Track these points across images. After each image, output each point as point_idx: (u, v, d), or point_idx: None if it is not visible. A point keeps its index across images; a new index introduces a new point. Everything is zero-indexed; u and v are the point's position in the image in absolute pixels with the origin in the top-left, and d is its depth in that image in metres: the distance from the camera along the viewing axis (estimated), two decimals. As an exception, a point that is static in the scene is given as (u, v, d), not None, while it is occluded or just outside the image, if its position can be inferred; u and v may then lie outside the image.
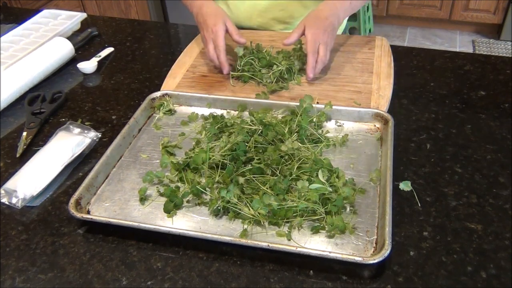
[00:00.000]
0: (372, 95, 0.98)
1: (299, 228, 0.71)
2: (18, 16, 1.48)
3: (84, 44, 1.29)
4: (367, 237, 0.69)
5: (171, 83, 1.07)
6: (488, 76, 1.06)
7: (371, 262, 0.63)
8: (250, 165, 0.79)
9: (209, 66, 1.12)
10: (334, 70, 1.07)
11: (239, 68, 1.05)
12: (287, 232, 0.70)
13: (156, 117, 0.97)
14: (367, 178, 0.79)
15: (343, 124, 0.92)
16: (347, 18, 1.09)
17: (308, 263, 0.66)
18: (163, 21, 3.29)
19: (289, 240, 0.69)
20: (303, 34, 1.01)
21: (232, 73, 1.05)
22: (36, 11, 1.42)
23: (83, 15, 1.37)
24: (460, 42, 3.23)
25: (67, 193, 0.81)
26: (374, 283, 0.64)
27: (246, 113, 0.95)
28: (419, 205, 0.75)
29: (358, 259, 0.63)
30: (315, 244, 0.69)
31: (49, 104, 1.03)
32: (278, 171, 0.78)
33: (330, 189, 0.73)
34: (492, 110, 0.95)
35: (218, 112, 0.97)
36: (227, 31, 1.04)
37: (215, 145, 0.85)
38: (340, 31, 1.34)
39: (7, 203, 0.80)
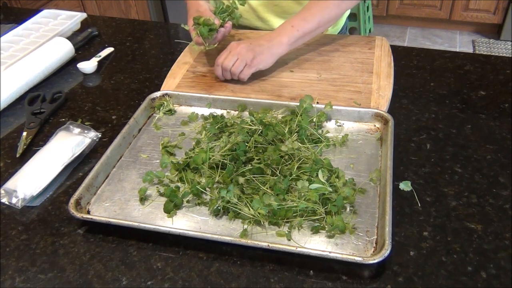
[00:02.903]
0: (372, 95, 0.98)
1: (299, 228, 0.71)
2: (18, 16, 1.48)
3: (84, 44, 1.29)
4: (367, 237, 0.69)
5: (171, 83, 1.07)
6: (488, 76, 1.06)
7: (371, 262, 0.63)
8: (250, 165, 0.79)
9: (209, 66, 1.12)
10: (334, 70, 1.07)
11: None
12: (287, 232, 0.70)
13: (156, 117, 0.97)
14: (367, 178, 0.79)
15: (343, 124, 0.92)
16: (296, 39, 1.05)
17: (308, 263, 0.66)
18: (163, 21, 3.29)
19: (289, 240, 0.69)
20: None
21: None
22: (36, 11, 1.42)
23: (83, 15, 1.37)
24: (460, 42, 3.23)
25: (67, 193, 0.81)
26: (374, 283, 0.64)
27: (246, 113, 0.95)
28: (419, 205, 0.75)
29: (358, 259, 0.63)
30: (315, 244, 0.69)
31: (49, 104, 1.03)
32: (278, 171, 0.78)
33: (330, 189, 0.73)
34: (492, 110, 0.95)
35: (218, 112, 0.97)
36: None
37: (215, 145, 0.85)
38: (338, 31, 1.35)
39: (7, 203, 0.80)
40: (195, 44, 1.06)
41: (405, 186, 0.77)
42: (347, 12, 1.35)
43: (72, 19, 1.34)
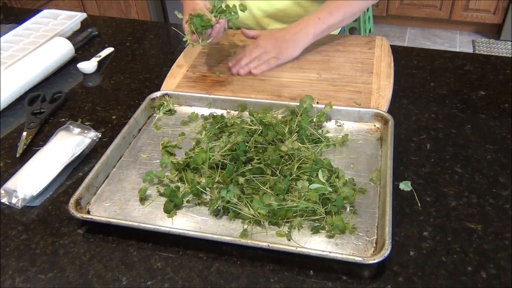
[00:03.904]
0: (372, 95, 0.98)
1: (299, 228, 0.71)
2: (18, 16, 1.48)
3: (84, 44, 1.29)
4: (367, 237, 0.69)
5: (171, 83, 1.07)
6: (488, 76, 1.06)
7: (371, 262, 0.63)
8: (250, 165, 0.79)
9: (209, 66, 1.12)
10: (334, 70, 1.07)
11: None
12: (287, 232, 0.70)
13: (156, 117, 0.97)
14: (367, 178, 0.79)
15: (343, 124, 0.92)
16: (322, 33, 1.10)
17: (308, 263, 0.66)
18: (163, 21, 3.29)
19: (289, 240, 0.69)
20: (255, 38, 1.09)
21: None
22: (36, 11, 1.42)
23: (83, 15, 1.37)
24: (460, 42, 3.23)
25: (67, 193, 0.81)
26: (374, 283, 0.64)
27: (246, 113, 0.95)
28: (419, 205, 0.75)
29: (358, 259, 0.63)
30: (315, 244, 0.69)
31: (49, 104, 1.03)
32: (278, 171, 0.78)
33: (330, 189, 0.73)
34: (492, 110, 0.95)
35: (218, 112, 0.97)
36: None
37: (215, 145, 0.85)
38: (338, 31, 1.35)
39: (7, 203, 0.80)
40: (189, 41, 1.04)
41: (405, 186, 0.77)
42: None
43: (72, 19, 1.34)
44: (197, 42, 1.02)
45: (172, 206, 0.74)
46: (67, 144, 0.87)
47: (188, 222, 0.73)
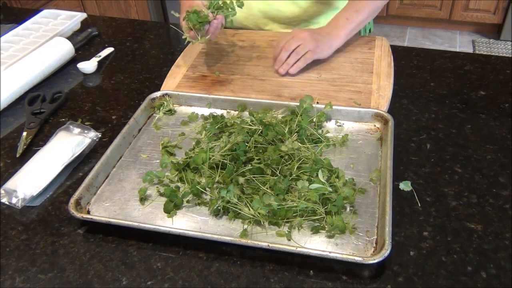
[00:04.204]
0: (372, 95, 0.98)
1: (299, 228, 0.71)
2: (18, 16, 1.48)
3: (84, 44, 1.29)
4: (367, 237, 0.69)
5: (171, 83, 1.07)
6: (488, 76, 1.06)
7: (371, 262, 0.63)
8: (250, 165, 0.79)
9: (209, 66, 1.12)
10: (334, 70, 1.07)
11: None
12: (287, 232, 0.70)
13: (156, 117, 0.97)
14: (367, 178, 0.79)
15: (343, 124, 0.92)
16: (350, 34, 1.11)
17: (308, 263, 0.66)
18: (163, 21, 3.29)
19: (289, 240, 0.69)
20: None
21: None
22: (36, 11, 1.42)
23: (83, 15, 1.37)
24: (460, 42, 3.23)
25: (67, 193, 0.81)
26: (374, 283, 0.64)
27: (246, 113, 0.95)
28: (419, 205, 0.75)
29: (358, 259, 0.63)
30: (315, 244, 0.69)
31: (49, 104, 1.03)
32: (278, 171, 0.78)
33: (330, 189, 0.73)
34: (492, 110, 0.95)
35: (218, 112, 0.97)
36: None
37: (215, 145, 0.85)
38: None
39: (7, 203, 0.80)
40: (188, 38, 1.04)
41: (405, 186, 0.77)
42: None
43: (72, 19, 1.34)
44: (196, 39, 1.02)
45: (172, 206, 0.74)
46: (67, 144, 0.87)
47: (188, 222, 0.73)
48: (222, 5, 1.05)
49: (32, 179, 0.81)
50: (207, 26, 1.02)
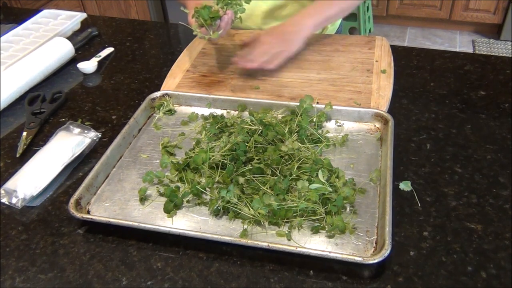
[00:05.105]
0: (372, 95, 0.98)
1: (299, 228, 0.71)
2: (18, 16, 1.48)
3: (84, 44, 1.29)
4: (367, 237, 0.69)
5: (171, 83, 1.07)
6: (488, 76, 1.06)
7: (371, 262, 0.63)
8: (250, 165, 0.79)
9: (209, 66, 1.12)
10: (334, 70, 1.07)
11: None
12: (287, 232, 0.70)
13: (156, 117, 0.97)
14: (367, 178, 0.79)
15: (343, 124, 0.92)
16: (322, 22, 1.09)
17: (308, 263, 0.66)
18: (163, 21, 3.29)
19: (289, 240, 0.69)
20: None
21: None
22: (36, 11, 1.42)
23: (83, 15, 1.37)
24: (460, 42, 3.23)
25: (67, 193, 0.81)
26: (374, 283, 0.64)
27: (246, 113, 0.95)
28: (419, 205, 0.75)
29: (358, 259, 0.63)
30: (315, 244, 0.69)
31: (49, 104, 1.03)
32: (278, 171, 0.78)
33: (330, 189, 0.73)
34: (492, 110, 0.95)
35: (218, 112, 0.97)
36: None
37: (215, 145, 0.85)
38: (334, 30, 1.35)
39: (7, 203, 0.80)
40: (200, 34, 1.01)
41: (405, 186, 0.77)
42: None
43: (72, 19, 1.34)
44: (208, 34, 1.00)
45: (172, 206, 0.74)
46: (67, 144, 0.87)
47: (188, 222, 0.73)
48: (230, 1, 1.04)
49: (32, 179, 0.81)
50: (218, 21, 1.00)
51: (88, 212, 0.76)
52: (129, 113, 0.99)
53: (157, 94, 0.99)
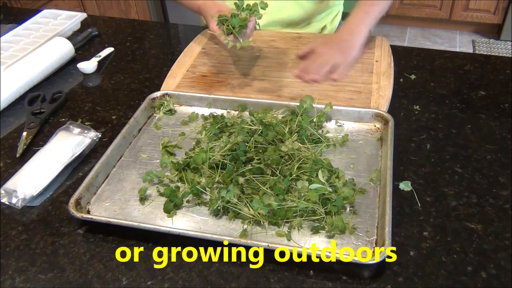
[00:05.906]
0: (372, 95, 0.98)
1: (299, 228, 0.71)
2: (18, 16, 1.48)
3: (84, 44, 1.29)
4: (367, 237, 0.69)
5: (171, 83, 1.07)
6: (488, 76, 1.06)
7: (371, 262, 0.63)
8: (250, 165, 0.79)
9: (209, 66, 1.12)
10: (334, 70, 1.07)
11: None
12: (287, 232, 0.70)
13: (156, 117, 0.97)
14: (367, 178, 0.79)
15: (343, 124, 0.92)
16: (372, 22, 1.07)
17: (308, 263, 0.66)
18: (163, 21, 3.29)
19: (289, 240, 0.69)
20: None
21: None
22: (36, 11, 1.42)
23: (83, 15, 1.37)
24: (460, 42, 3.23)
25: (67, 193, 0.81)
26: (374, 283, 0.64)
27: (246, 113, 0.95)
28: (419, 205, 0.75)
29: (358, 259, 0.63)
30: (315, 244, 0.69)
31: (49, 104, 1.03)
32: (278, 171, 0.78)
33: (330, 189, 0.73)
34: (492, 110, 0.95)
35: (218, 112, 0.97)
36: None
37: (215, 145, 0.85)
38: (334, 30, 1.35)
39: (7, 203, 0.80)
40: (231, 43, 1.00)
41: (405, 186, 0.77)
42: (341, 12, 1.36)
43: (72, 19, 1.34)
44: (237, 42, 0.99)
45: (172, 206, 0.74)
46: (67, 144, 0.87)
47: (188, 222, 0.74)
48: (248, 7, 1.03)
49: (32, 179, 0.81)
50: (246, 28, 1.00)
51: (88, 212, 0.76)
52: (129, 113, 0.99)
53: (157, 94, 0.99)
